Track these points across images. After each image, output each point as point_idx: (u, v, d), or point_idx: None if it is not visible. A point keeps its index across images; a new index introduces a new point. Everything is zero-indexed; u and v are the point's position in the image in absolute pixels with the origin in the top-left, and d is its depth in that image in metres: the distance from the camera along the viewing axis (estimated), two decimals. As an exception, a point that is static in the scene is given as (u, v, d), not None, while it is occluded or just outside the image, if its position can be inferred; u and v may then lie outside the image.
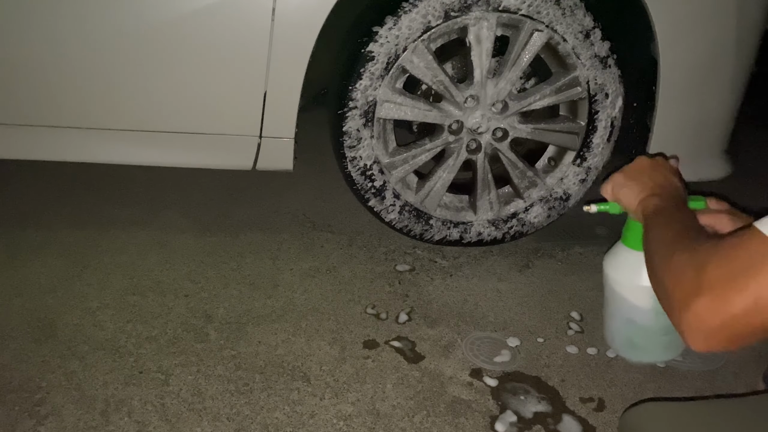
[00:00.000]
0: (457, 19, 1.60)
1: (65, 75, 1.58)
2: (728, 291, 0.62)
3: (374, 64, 1.61)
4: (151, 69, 1.58)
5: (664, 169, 0.98)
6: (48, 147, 1.65)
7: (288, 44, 1.56)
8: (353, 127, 1.67)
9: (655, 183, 0.95)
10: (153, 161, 1.69)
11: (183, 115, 1.64)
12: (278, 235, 1.91)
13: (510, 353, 1.52)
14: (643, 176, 0.97)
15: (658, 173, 0.97)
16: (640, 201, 0.93)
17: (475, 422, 1.32)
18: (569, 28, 1.66)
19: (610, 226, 2.03)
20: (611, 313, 1.30)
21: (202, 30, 1.54)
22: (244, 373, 1.40)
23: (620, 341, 1.28)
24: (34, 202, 2.00)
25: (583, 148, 1.80)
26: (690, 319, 0.64)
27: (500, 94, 1.70)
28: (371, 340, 1.53)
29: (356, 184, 1.75)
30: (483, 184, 1.79)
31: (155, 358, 1.42)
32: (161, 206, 2.02)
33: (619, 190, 0.98)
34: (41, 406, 1.29)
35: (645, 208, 0.91)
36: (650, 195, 0.93)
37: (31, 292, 1.60)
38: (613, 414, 1.36)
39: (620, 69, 1.72)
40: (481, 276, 1.79)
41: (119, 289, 1.63)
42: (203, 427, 1.27)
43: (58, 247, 1.78)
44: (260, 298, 1.64)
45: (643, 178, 0.96)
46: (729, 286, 0.62)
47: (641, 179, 0.96)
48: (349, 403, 1.35)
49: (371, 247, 1.89)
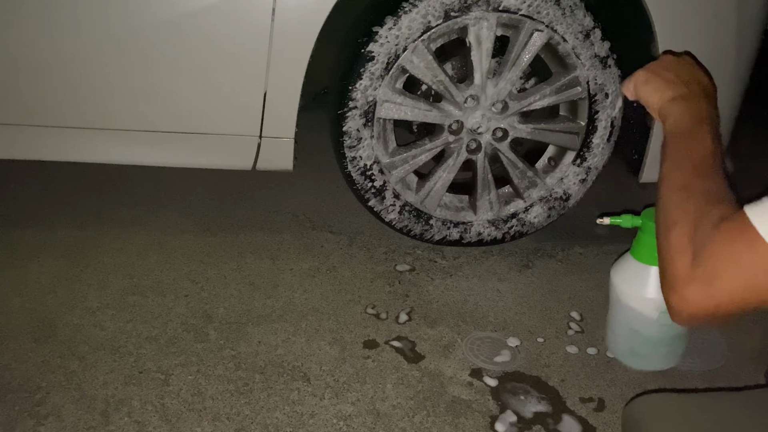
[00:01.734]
0: (457, 19, 1.60)
1: (65, 75, 1.58)
2: (716, 284, 0.64)
3: (374, 64, 1.61)
4: (151, 69, 1.58)
5: (691, 66, 0.91)
6: (48, 147, 1.65)
7: (288, 44, 1.56)
8: (353, 127, 1.67)
9: (682, 80, 0.88)
10: (153, 161, 1.69)
11: (183, 115, 1.64)
12: (278, 235, 1.91)
13: (510, 353, 1.52)
14: (669, 72, 0.89)
15: (685, 69, 0.90)
16: (665, 102, 0.87)
17: (475, 422, 1.32)
18: (569, 28, 1.66)
19: (610, 226, 2.03)
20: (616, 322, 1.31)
21: (202, 30, 1.54)
22: (244, 373, 1.40)
23: (622, 349, 1.29)
24: (34, 202, 1.99)
25: (583, 148, 1.80)
26: (678, 301, 0.67)
27: (500, 94, 1.70)
28: (371, 340, 1.53)
29: (356, 184, 1.75)
30: (483, 184, 1.79)
31: (155, 358, 1.42)
32: (161, 206, 2.01)
33: (642, 86, 0.91)
34: (41, 406, 1.29)
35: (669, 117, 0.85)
36: (675, 97, 0.86)
37: (31, 292, 1.60)
38: (613, 414, 1.36)
39: (620, 69, 1.72)
40: (481, 276, 1.79)
41: (119, 289, 1.63)
42: (203, 427, 1.27)
43: (58, 247, 1.78)
44: (260, 298, 1.64)
45: (668, 74, 0.89)
46: (718, 279, 0.64)
47: (667, 75, 0.89)
48: (349, 403, 1.35)
49: (371, 247, 1.89)
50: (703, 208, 0.70)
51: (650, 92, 0.90)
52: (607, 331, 1.47)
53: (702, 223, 0.68)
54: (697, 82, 0.89)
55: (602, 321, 1.64)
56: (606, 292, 1.74)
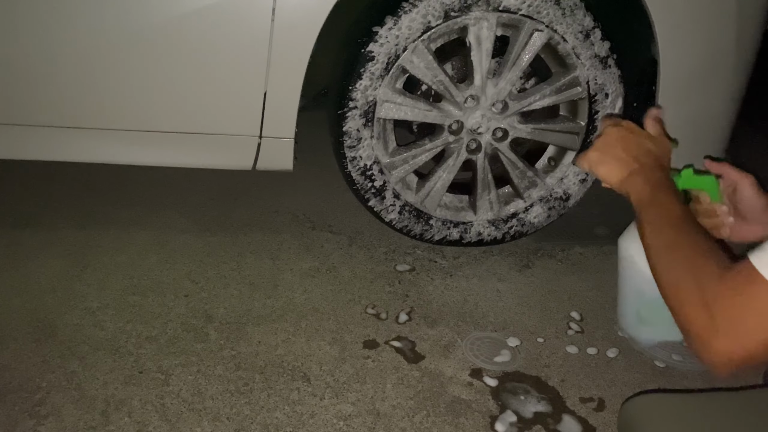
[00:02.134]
0: (457, 19, 1.60)
1: (65, 75, 1.58)
2: (742, 332, 0.66)
3: (374, 64, 1.61)
4: (151, 68, 1.58)
5: (636, 137, 0.93)
6: (48, 147, 1.65)
7: (288, 44, 1.56)
8: (353, 127, 1.67)
9: (631, 156, 0.90)
10: (153, 161, 1.69)
11: (183, 115, 1.64)
12: (278, 235, 1.91)
13: (510, 353, 1.52)
14: (617, 149, 0.92)
15: (631, 143, 0.92)
16: (622, 180, 0.90)
17: (475, 422, 1.32)
18: (569, 28, 1.66)
19: (610, 226, 2.03)
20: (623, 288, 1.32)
21: (202, 30, 1.54)
22: (244, 373, 1.40)
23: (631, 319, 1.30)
24: (34, 202, 1.99)
25: (583, 148, 1.80)
26: (710, 357, 0.68)
27: (500, 94, 1.70)
28: (371, 340, 1.53)
29: (356, 184, 1.75)
30: (483, 184, 1.79)
31: (155, 358, 1.42)
32: (161, 206, 2.02)
33: (597, 167, 0.93)
34: (41, 406, 1.29)
35: (631, 193, 0.88)
36: (630, 173, 0.89)
37: (31, 292, 1.60)
38: (613, 414, 1.36)
39: (620, 69, 1.72)
40: (481, 276, 1.79)
41: (119, 289, 1.63)
42: (203, 427, 1.27)
43: (58, 247, 1.78)
44: (260, 298, 1.64)
45: (617, 151, 0.91)
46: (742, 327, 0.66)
47: (616, 153, 0.91)
48: (349, 403, 1.35)
49: (371, 247, 1.89)
50: (698, 262, 0.72)
51: (606, 173, 0.92)
52: (617, 309, 1.47)
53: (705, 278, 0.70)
54: (646, 153, 0.91)
55: (602, 321, 1.64)
56: (606, 292, 1.75)
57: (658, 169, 0.89)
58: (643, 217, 0.84)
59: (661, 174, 0.89)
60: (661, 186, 0.86)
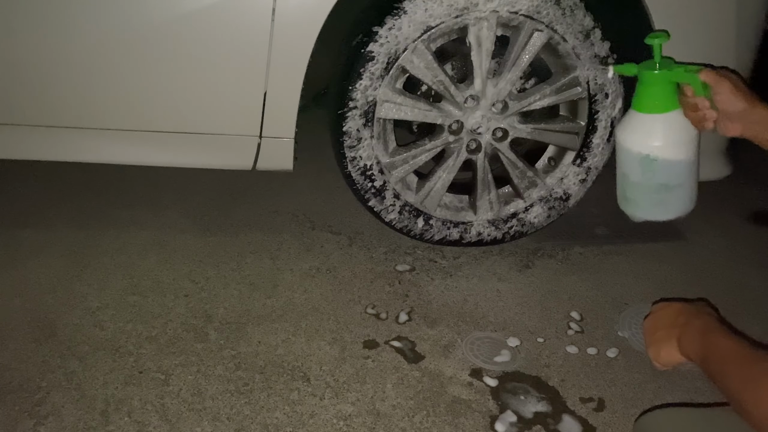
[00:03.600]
0: (457, 19, 1.60)
1: (65, 74, 1.58)
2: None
3: (374, 64, 1.61)
4: (151, 69, 1.58)
5: (667, 307, 0.94)
6: (48, 147, 1.65)
7: (288, 44, 1.56)
8: (353, 127, 1.67)
9: (678, 324, 0.90)
10: (153, 161, 1.69)
11: (183, 115, 1.64)
12: (278, 235, 1.91)
13: (510, 353, 1.52)
14: (658, 330, 0.92)
15: (663, 317, 0.93)
16: (677, 351, 0.89)
17: (475, 422, 1.32)
18: (569, 28, 1.66)
19: (610, 226, 2.03)
20: (617, 170, 1.35)
21: (202, 30, 1.54)
22: (244, 373, 1.40)
23: (620, 194, 1.33)
24: (34, 202, 2.00)
25: (583, 148, 1.80)
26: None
27: (500, 94, 1.70)
28: (371, 340, 1.53)
29: (356, 184, 1.75)
30: (483, 184, 1.79)
31: (155, 358, 1.42)
32: (161, 206, 2.02)
33: (660, 354, 0.91)
34: (41, 406, 1.29)
35: (690, 354, 0.86)
36: (678, 340, 0.88)
37: (31, 292, 1.60)
38: (613, 414, 1.36)
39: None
40: (481, 276, 1.79)
41: (119, 289, 1.63)
42: (203, 427, 1.27)
43: (58, 247, 1.78)
44: (260, 298, 1.64)
45: (659, 333, 0.91)
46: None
47: (658, 335, 0.91)
48: (349, 403, 1.35)
49: (371, 247, 1.89)
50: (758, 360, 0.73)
51: (670, 354, 0.90)
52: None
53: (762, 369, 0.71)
54: (678, 313, 0.91)
55: (602, 321, 1.64)
56: (606, 292, 1.75)
57: (699, 317, 0.88)
58: (708, 367, 0.82)
59: (704, 319, 0.87)
60: (708, 329, 0.84)
